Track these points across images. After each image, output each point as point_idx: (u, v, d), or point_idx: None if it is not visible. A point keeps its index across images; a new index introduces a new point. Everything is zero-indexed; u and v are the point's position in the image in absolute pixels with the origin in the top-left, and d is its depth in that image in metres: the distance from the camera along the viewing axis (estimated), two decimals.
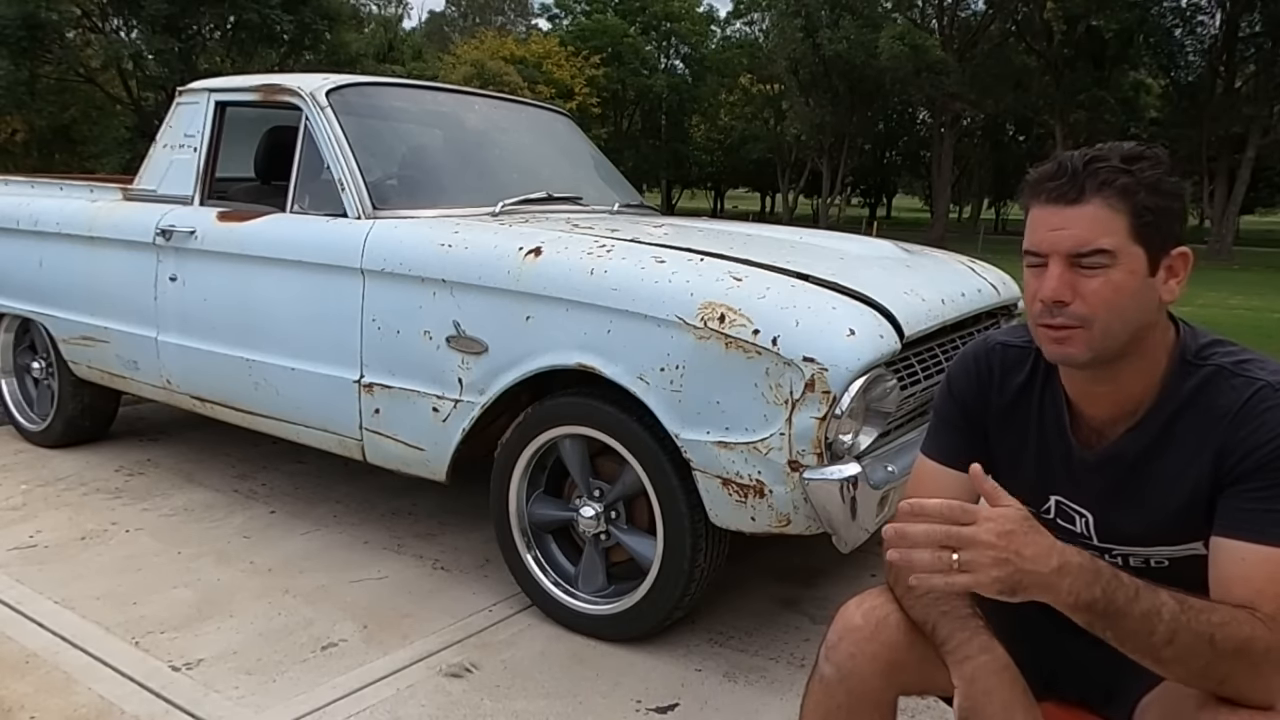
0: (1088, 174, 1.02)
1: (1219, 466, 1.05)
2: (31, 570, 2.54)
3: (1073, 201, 1.03)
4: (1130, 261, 1.03)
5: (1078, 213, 1.02)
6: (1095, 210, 1.02)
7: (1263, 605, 0.97)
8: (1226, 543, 1.02)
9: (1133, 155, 1.03)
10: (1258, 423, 1.02)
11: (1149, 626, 0.94)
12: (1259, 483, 1.01)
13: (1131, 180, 1.02)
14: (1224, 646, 0.94)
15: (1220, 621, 0.94)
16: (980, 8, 28.90)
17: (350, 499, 3.16)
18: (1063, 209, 1.03)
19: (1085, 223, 1.02)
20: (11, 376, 3.79)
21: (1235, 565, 1.00)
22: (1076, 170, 1.03)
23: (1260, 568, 0.98)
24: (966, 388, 1.27)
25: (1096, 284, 1.03)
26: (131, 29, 21.76)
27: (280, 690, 1.99)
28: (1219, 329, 1.14)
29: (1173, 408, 1.09)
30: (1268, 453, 1.01)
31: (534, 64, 31.78)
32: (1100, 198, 1.02)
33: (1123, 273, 1.02)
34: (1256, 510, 1.01)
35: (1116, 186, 1.02)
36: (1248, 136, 23.26)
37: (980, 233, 29.11)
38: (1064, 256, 1.03)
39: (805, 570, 2.70)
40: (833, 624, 1.21)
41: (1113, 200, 1.02)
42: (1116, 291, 1.03)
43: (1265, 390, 1.03)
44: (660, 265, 2.06)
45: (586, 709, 1.96)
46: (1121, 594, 0.95)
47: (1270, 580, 0.98)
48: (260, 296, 2.69)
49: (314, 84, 2.75)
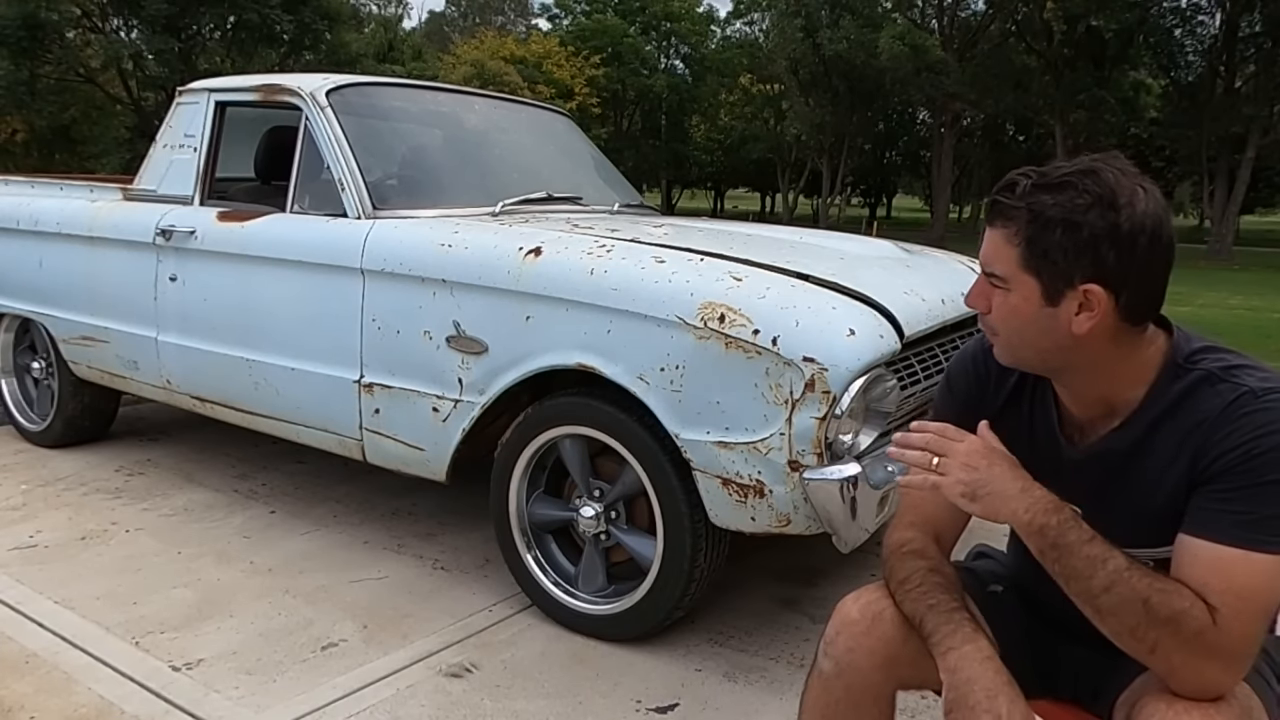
0: (995, 199, 1.08)
1: (1192, 469, 1.06)
2: (31, 570, 2.54)
3: (990, 222, 1.10)
4: (1022, 289, 1.08)
5: (989, 233, 1.10)
6: (995, 235, 1.09)
7: (1207, 598, 0.99)
8: (1186, 540, 1.04)
9: (1057, 183, 1.04)
10: (1232, 427, 1.03)
11: (1090, 570, 1.01)
12: (1224, 484, 1.02)
13: (1025, 213, 1.05)
14: (1157, 612, 0.98)
15: (1160, 588, 0.99)
16: (980, 8, 28.91)
17: (350, 499, 3.16)
18: (988, 226, 1.11)
19: (990, 245, 1.10)
20: (11, 376, 3.79)
21: (1188, 561, 1.03)
22: (997, 192, 1.09)
23: (1211, 565, 1.00)
24: (965, 386, 1.29)
25: (997, 301, 1.11)
26: (131, 29, 21.78)
27: (280, 690, 1.99)
28: (1218, 329, 1.15)
29: (1158, 410, 1.10)
30: (1236, 456, 1.02)
31: (534, 64, 31.78)
32: (999, 224, 1.08)
33: (1017, 298, 1.08)
34: (1216, 510, 1.02)
35: (1011, 218, 1.07)
36: (1248, 136, 23.25)
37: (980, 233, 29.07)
38: (982, 269, 1.12)
39: (805, 570, 2.70)
40: (830, 620, 1.22)
41: (1007, 230, 1.07)
42: (1012, 313, 1.10)
43: (1246, 396, 1.04)
44: (660, 265, 2.06)
45: (586, 709, 1.96)
46: (1075, 533, 1.03)
47: (1217, 576, 0.99)
48: (260, 296, 2.69)
49: (314, 84, 2.75)
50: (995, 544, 1.50)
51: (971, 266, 2.82)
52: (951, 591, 1.15)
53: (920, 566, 1.18)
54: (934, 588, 1.15)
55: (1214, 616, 0.98)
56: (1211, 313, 9.98)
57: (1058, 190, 1.03)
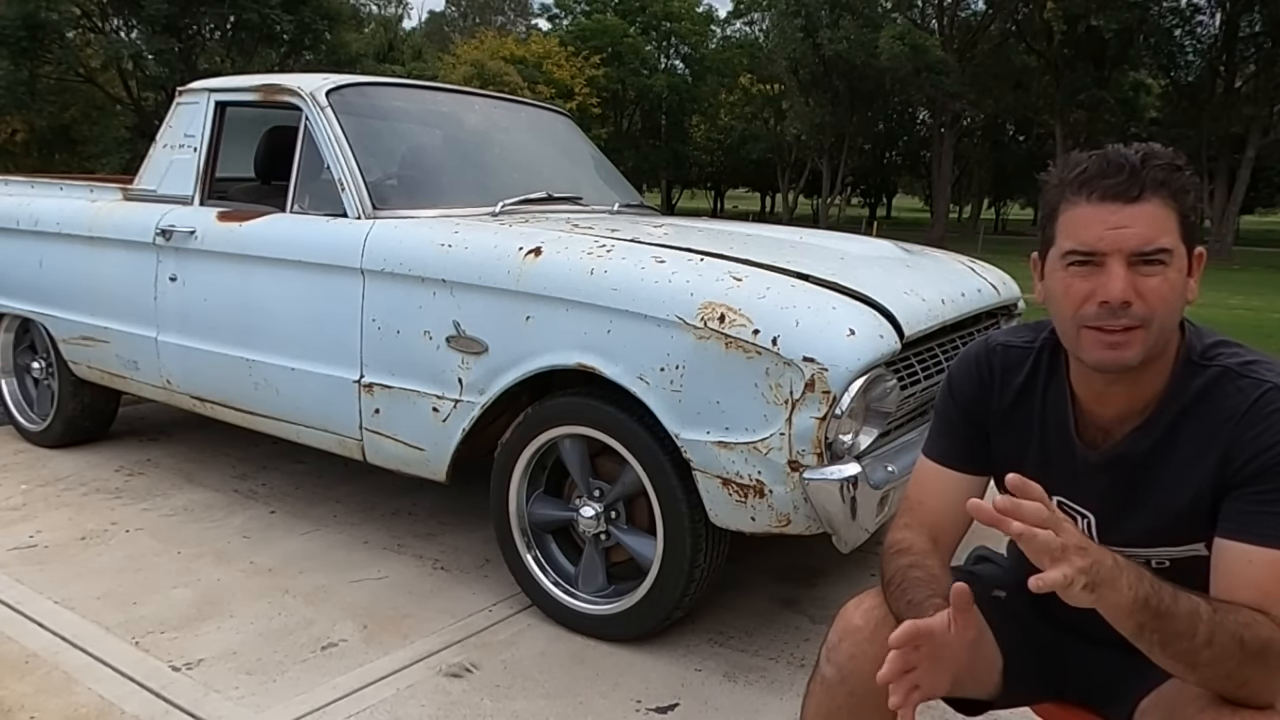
0: (1147, 171, 1.00)
1: (1224, 469, 1.04)
2: (31, 570, 2.54)
3: (1133, 199, 1.00)
4: (1179, 261, 1.03)
5: (1139, 210, 1.00)
6: (1155, 209, 1.00)
7: (1271, 608, 0.97)
8: (1232, 545, 1.02)
9: (1169, 154, 1.03)
10: (1264, 425, 1.02)
11: (1193, 627, 0.92)
12: (1265, 485, 1.01)
13: (1183, 179, 1.02)
14: (1251, 647, 0.93)
15: (1245, 622, 0.94)
16: (980, 8, 28.90)
17: (350, 499, 3.16)
18: (1123, 206, 1.00)
19: (1147, 220, 1.00)
20: (11, 376, 3.79)
21: (1242, 568, 1.00)
22: (1135, 167, 1.00)
23: (1267, 570, 0.98)
24: (967, 389, 1.27)
25: (1155, 283, 1.01)
26: (131, 29, 21.77)
27: (280, 690, 1.99)
28: (1218, 329, 1.14)
29: (1178, 408, 1.08)
30: (1274, 455, 1.00)
31: (534, 64, 31.76)
32: (1159, 196, 1.00)
33: (1175, 272, 1.02)
34: (1262, 513, 1.00)
35: (1173, 186, 1.01)
36: (1248, 136, 23.26)
37: (980, 233, 29.13)
38: (1125, 255, 1.00)
39: (805, 570, 2.70)
40: (833, 625, 1.21)
41: (1168, 199, 1.01)
42: (1172, 290, 1.02)
43: (1272, 392, 1.03)
44: (660, 265, 2.05)
45: (586, 709, 1.96)
46: (1165, 592, 0.93)
47: (1278, 583, 0.98)
48: (260, 296, 2.69)
49: (314, 84, 2.75)
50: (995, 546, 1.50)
51: (972, 266, 2.82)
52: (931, 585, 1.11)
53: (902, 565, 1.17)
54: (912, 584, 1.13)
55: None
56: (1211, 313, 9.99)
57: (1170, 160, 1.02)
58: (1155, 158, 1.01)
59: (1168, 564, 1.14)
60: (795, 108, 32.82)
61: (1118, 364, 1.04)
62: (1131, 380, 1.09)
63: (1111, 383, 1.11)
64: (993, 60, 28.00)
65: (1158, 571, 1.15)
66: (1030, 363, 1.21)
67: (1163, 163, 1.01)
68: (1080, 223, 1.03)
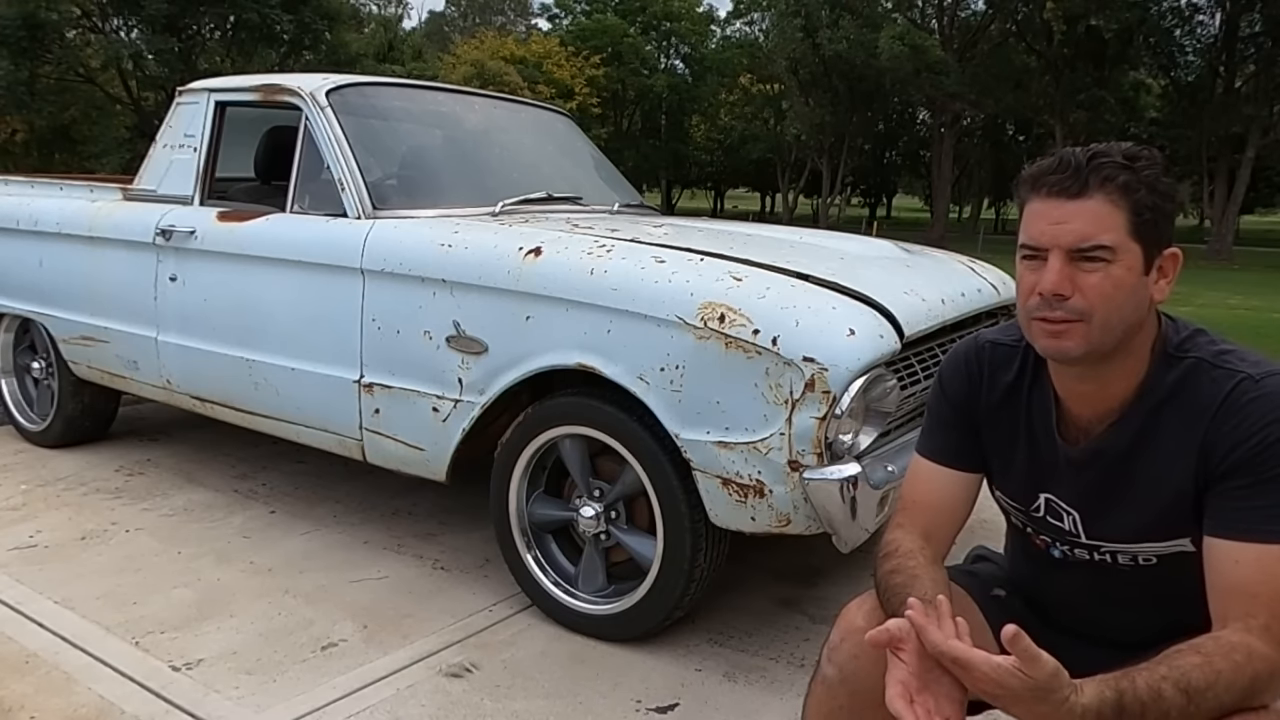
0: (1091, 169, 1.02)
1: (1204, 463, 1.05)
2: (31, 570, 2.54)
3: (1075, 195, 1.03)
4: (1128, 258, 1.03)
5: (1079, 207, 1.02)
6: (1097, 205, 1.02)
7: (1258, 611, 0.97)
8: (1219, 543, 1.02)
9: (1133, 154, 1.04)
10: (1240, 416, 1.02)
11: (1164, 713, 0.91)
12: (1244, 479, 1.01)
13: (1133, 177, 1.02)
14: (1235, 694, 0.94)
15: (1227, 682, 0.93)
16: (980, 8, 28.90)
17: (350, 499, 3.16)
18: (1064, 203, 1.03)
19: (1087, 217, 1.02)
20: (11, 376, 3.79)
21: (1229, 569, 1.00)
22: (1079, 165, 1.03)
23: (1253, 569, 0.99)
24: (957, 386, 1.28)
25: (1096, 279, 1.03)
26: (131, 29, 21.78)
27: (280, 690, 1.99)
28: (1218, 329, 1.14)
29: (1154, 401, 1.09)
30: (1252, 447, 1.01)
31: (534, 64, 31.79)
32: (1103, 193, 1.02)
33: (1121, 269, 1.03)
34: (1243, 507, 1.01)
35: (1119, 183, 1.02)
36: (1247, 136, 23.27)
37: (980, 233, 29.11)
38: (1064, 250, 1.03)
39: (805, 570, 2.70)
40: (834, 626, 1.22)
41: (1114, 196, 1.02)
42: (1115, 287, 1.03)
43: (1246, 382, 1.03)
44: (660, 265, 2.05)
45: (586, 709, 1.96)
46: (1131, 698, 0.91)
47: (1265, 581, 0.98)
48: (260, 296, 2.69)
49: (314, 84, 2.75)
50: (994, 545, 1.50)
51: (971, 266, 2.82)
52: (908, 588, 1.11)
53: (885, 570, 1.18)
54: (892, 590, 1.14)
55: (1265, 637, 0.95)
56: (1211, 312, 10.00)
57: (1140, 159, 1.03)
58: (1104, 155, 1.03)
59: (1154, 560, 1.15)
60: (795, 108, 32.84)
61: (1060, 353, 1.07)
62: (1099, 376, 1.10)
63: (1081, 379, 1.12)
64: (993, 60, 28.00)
65: (1145, 567, 1.16)
66: (1018, 361, 1.22)
67: (1111, 160, 1.02)
68: (1030, 217, 1.07)
